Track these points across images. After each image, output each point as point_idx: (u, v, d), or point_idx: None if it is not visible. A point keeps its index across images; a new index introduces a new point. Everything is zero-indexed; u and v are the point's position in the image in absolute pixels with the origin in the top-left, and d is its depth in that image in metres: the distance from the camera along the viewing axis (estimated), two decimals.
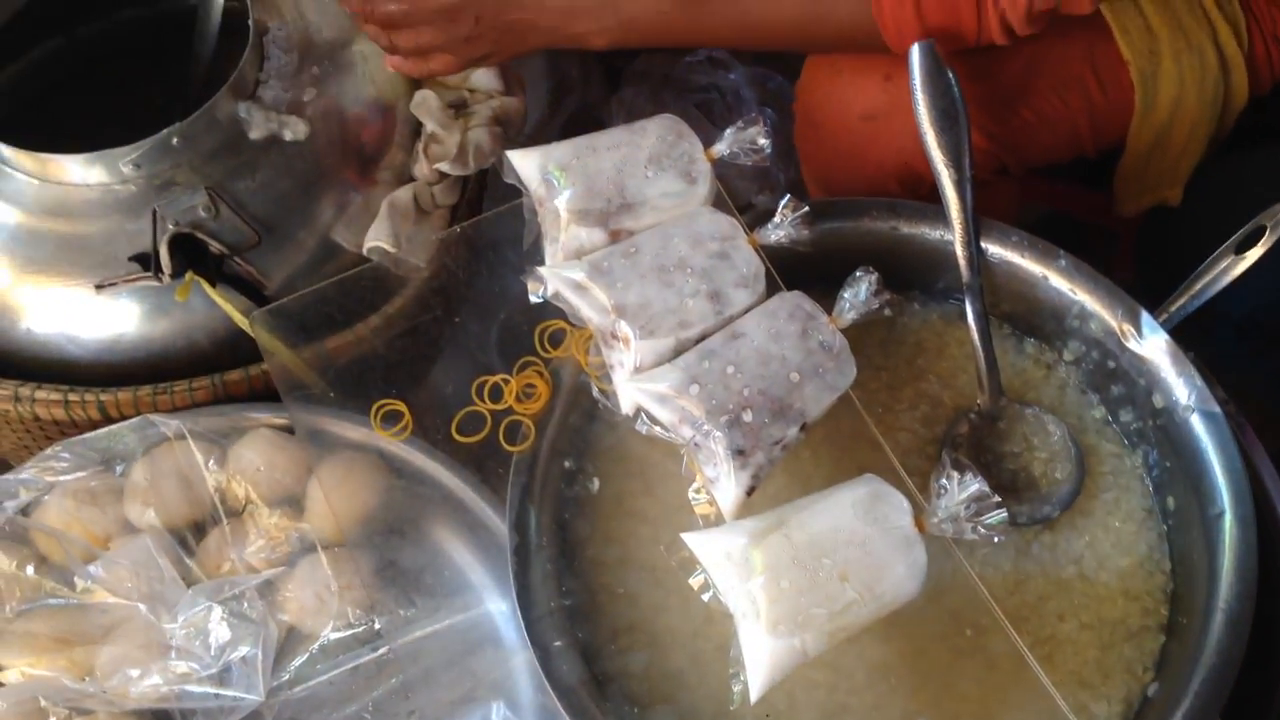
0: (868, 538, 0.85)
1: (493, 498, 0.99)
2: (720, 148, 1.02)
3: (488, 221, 1.09)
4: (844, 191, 1.20)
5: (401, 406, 1.01)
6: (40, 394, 1.07)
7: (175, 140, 1.09)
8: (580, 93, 1.79)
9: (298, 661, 0.95)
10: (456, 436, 1.00)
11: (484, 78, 1.25)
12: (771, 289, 0.98)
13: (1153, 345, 0.98)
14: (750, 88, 1.76)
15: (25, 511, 0.99)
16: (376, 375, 1.04)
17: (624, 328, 0.94)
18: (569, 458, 1.02)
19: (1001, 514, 0.84)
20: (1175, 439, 0.97)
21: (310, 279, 1.15)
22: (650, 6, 1.05)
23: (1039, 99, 1.12)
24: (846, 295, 0.95)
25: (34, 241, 1.10)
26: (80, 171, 1.09)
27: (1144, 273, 1.39)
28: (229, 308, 1.08)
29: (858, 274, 0.95)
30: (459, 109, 1.25)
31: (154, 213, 1.08)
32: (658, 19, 1.06)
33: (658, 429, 0.93)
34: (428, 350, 1.10)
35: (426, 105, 1.22)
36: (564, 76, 1.77)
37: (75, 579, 0.94)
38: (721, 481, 0.90)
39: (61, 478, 0.99)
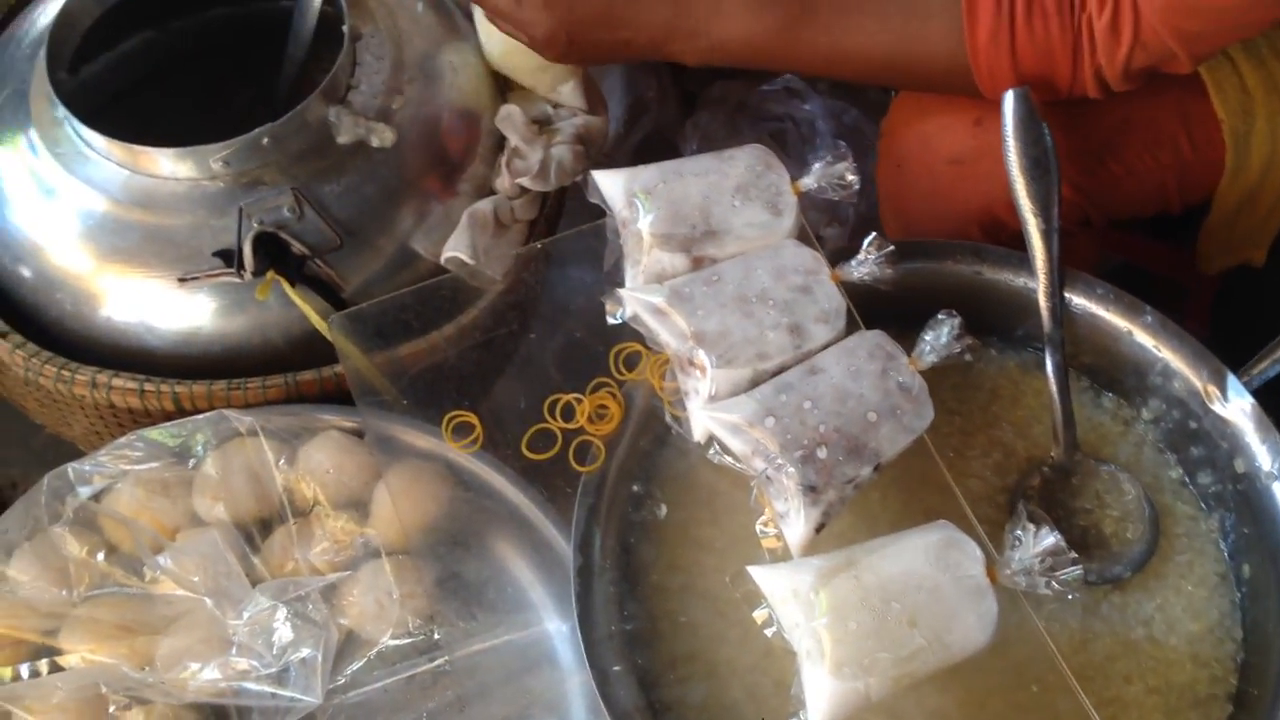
0: (938, 584, 0.84)
1: (558, 517, 0.99)
2: (807, 181, 1.02)
3: (568, 239, 1.10)
4: (923, 233, 1.19)
5: (473, 419, 1.01)
6: (117, 382, 1.08)
7: (265, 140, 1.10)
8: (655, 114, 1.79)
9: (355, 666, 0.96)
10: (526, 453, 1.00)
11: (570, 95, 1.26)
12: (851, 326, 0.97)
13: (1237, 408, 0.97)
14: (826, 120, 1.76)
15: (97, 498, 1.00)
16: (449, 386, 1.04)
17: (701, 355, 0.94)
18: (637, 481, 1.01)
19: (1077, 570, 0.83)
20: (1255, 506, 0.95)
21: (387, 285, 1.15)
22: (746, 31, 1.05)
23: (1130, 154, 1.11)
24: (927, 337, 0.95)
25: (120, 230, 1.12)
26: (170, 165, 1.11)
27: (1220, 332, 1.37)
28: (307, 308, 1.09)
29: (940, 317, 0.95)
30: (543, 124, 1.26)
31: (240, 210, 1.09)
32: (752, 44, 1.06)
33: (729, 459, 0.93)
34: (501, 364, 1.11)
35: (511, 120, 1.23)
36: (640, 97, 1.77)
37: (144, 568, 0.95)
38: (791, 517, 0.90)
39: (135, 467, 1.00)
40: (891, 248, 0.98)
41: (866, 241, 0.98)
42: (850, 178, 1.01)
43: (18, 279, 1.15)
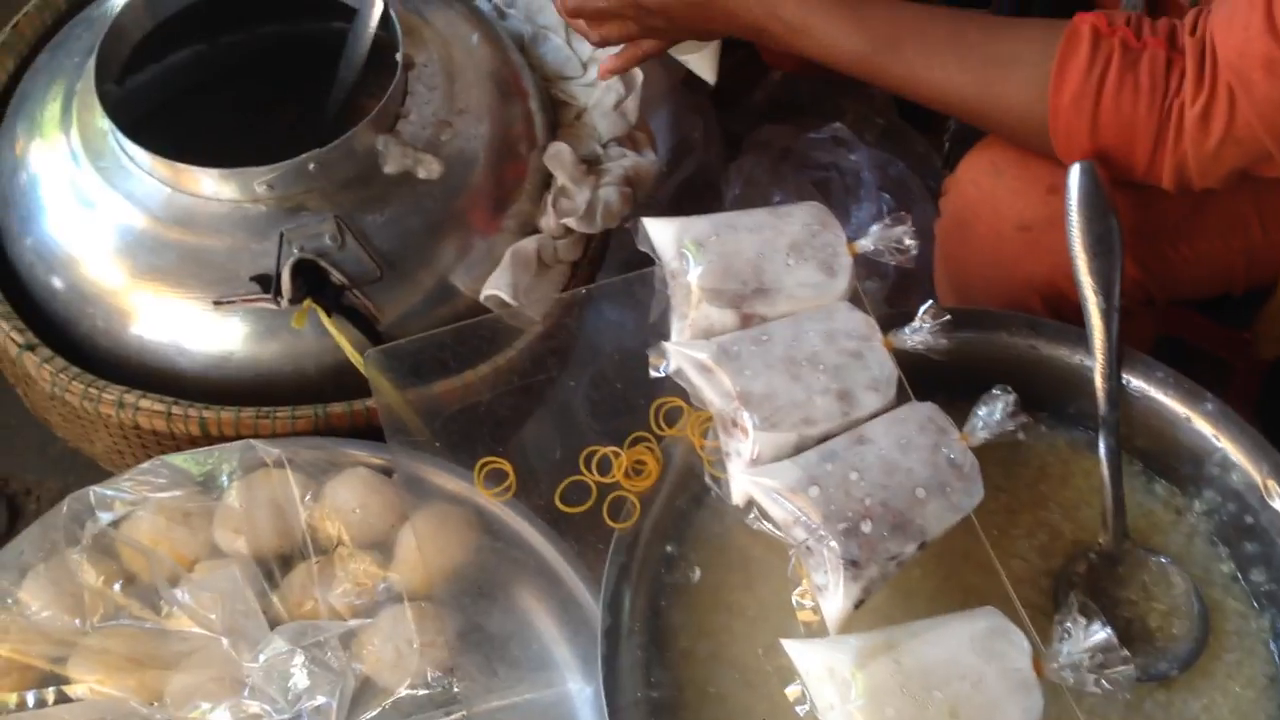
0: (983, 675, 0.81)
1: (588, 574, 0.96)
2: (864, 243, 1.00)
3: (615, 286, 1.07)
4: (981, 298, 1.16)
5: (507, 466, 0.98)
6: (144, 403, 1.05)
7: (311, 166, 1.08)
8: (699, 156, 1.77)
9: (369, 715, 0.92)
10: (560, 505, 0.97)
11: (616, 122, 1.24)
12: (901, 396, 0.95)
13: None
14: (871, 171, 1.73)
15: (116, 523, 0.97)
16: (484, 430, 1.01)
17: (745, 416, 0.91)
18: (671, 542, 0.98)
19: (1129, 670, 0.80)
20: None
21: (424, 320, 1.13)
22: (827, 53, 1.04)
23: (1201, 239, 1.08)
24: (980, 413, 0.92)
25: (157, 248, 1.10)
26: (213, 185, 1.09)
27: (1265, 417, 1.33)
28: (342, 340, 1.07)
29: (995, 392, 0.92)
30: (591, 164, 1.24)
31: (281, 235, 1.07)
32: (832, 63, 1.05)
33: (768, 526, 0.90)
34: (538, 411, 1.08)
35: (560, 158, 1.21)
36: (685, 138, 1.75)
37: (160, 602, 0.92)
38: (830, 591, 0.87)
39: (157, 494, 0.97)
40: (948, 317, 0.95)
41: (922, 309, 0.96)
42: (908, 242, 0.98)
43: (50, 291, 1.13)
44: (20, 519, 1.50)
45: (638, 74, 1.29)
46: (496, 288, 1.13)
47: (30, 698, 0.92)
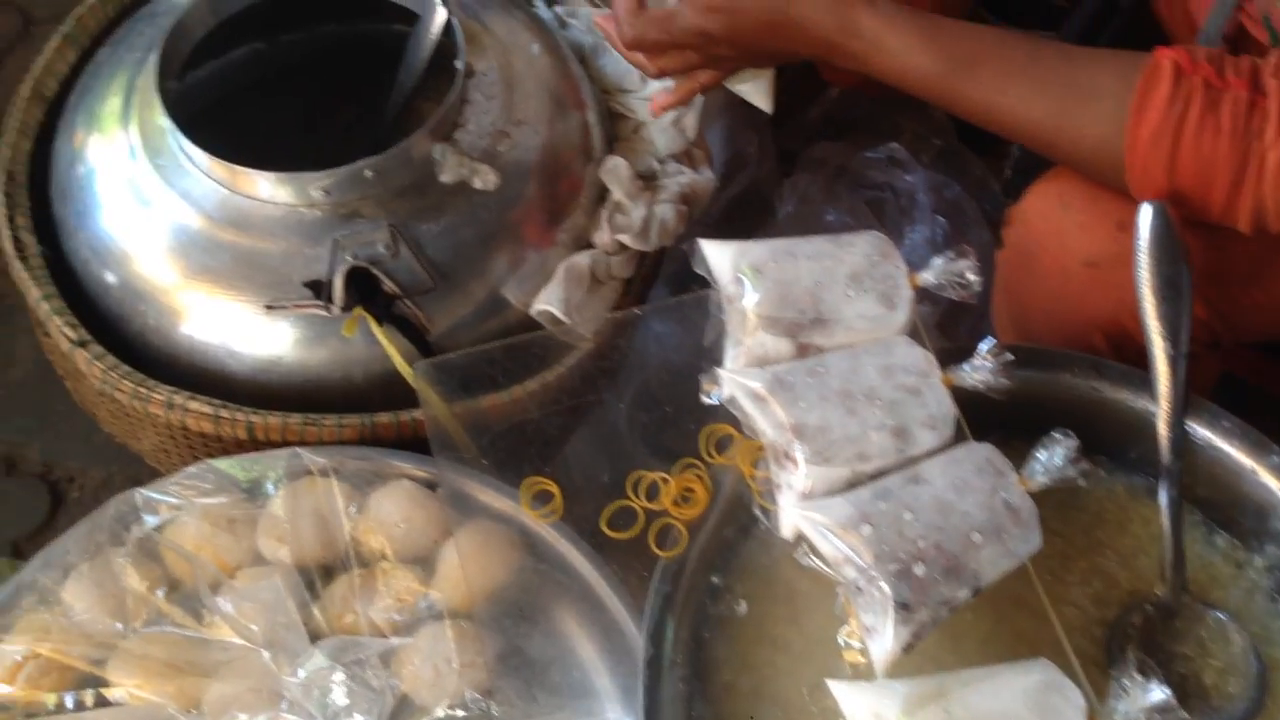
0: None
1: (631, 601, 0.95)
2: (927, 276, 0.98)
3: (669, 308, 1.06)
4: (1041, 332, 1.14)
5: (554, 488, 0.97)
6: (193, 405, 1.05)
7: (368, 173, 1.08)
8: (753, 171, 1.75)
9: None
10: (606, 530, 0.95)
11: (674, 138, 1.22)
12: (958, 435, 0.93)
13: None
14: (927, 193, 1.71)
15: (160, 526, 0.97)
16: (531, 450, 1.00)
17: (798, 449, 0.89)
18: (717, 573, 0.97)
19: None
20: None
21: (473, 331, 1.12)
22: (903, 73, 1.02)
23: (1273, 283, 1.05)
24: (1040, 457, 0.90)
25: (211, 249, 1.09)
26: (269, 188, 1.08)
27: None
28: (392, 350, 1.06)
29: (1056, 436, 0.90)
30: (647, 180, 1.22)
31: (335, 242, 1.06)
32: (907, 84, 1.03)
33: (817, 561, 0.88)
34: (587, 433, 1.07)
35: (617, 173, 1.19)
36: (740, 152, 1.73)
37: (202, 610, 0.92)
38: (879, 633, 0.85)
39: (203, 499, 0.97)
40: (1010, 356, 0.93)
41: (983, 347, 0.94)
42: (971, 277, 0.96)
43: (104, 286, 1.13)
44: (62, 506, 1.51)
45: None
46: (548, 303, 1.12)
47: (69, 699, 0.91)
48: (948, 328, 1.58)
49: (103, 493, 1.51)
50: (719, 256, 0.99)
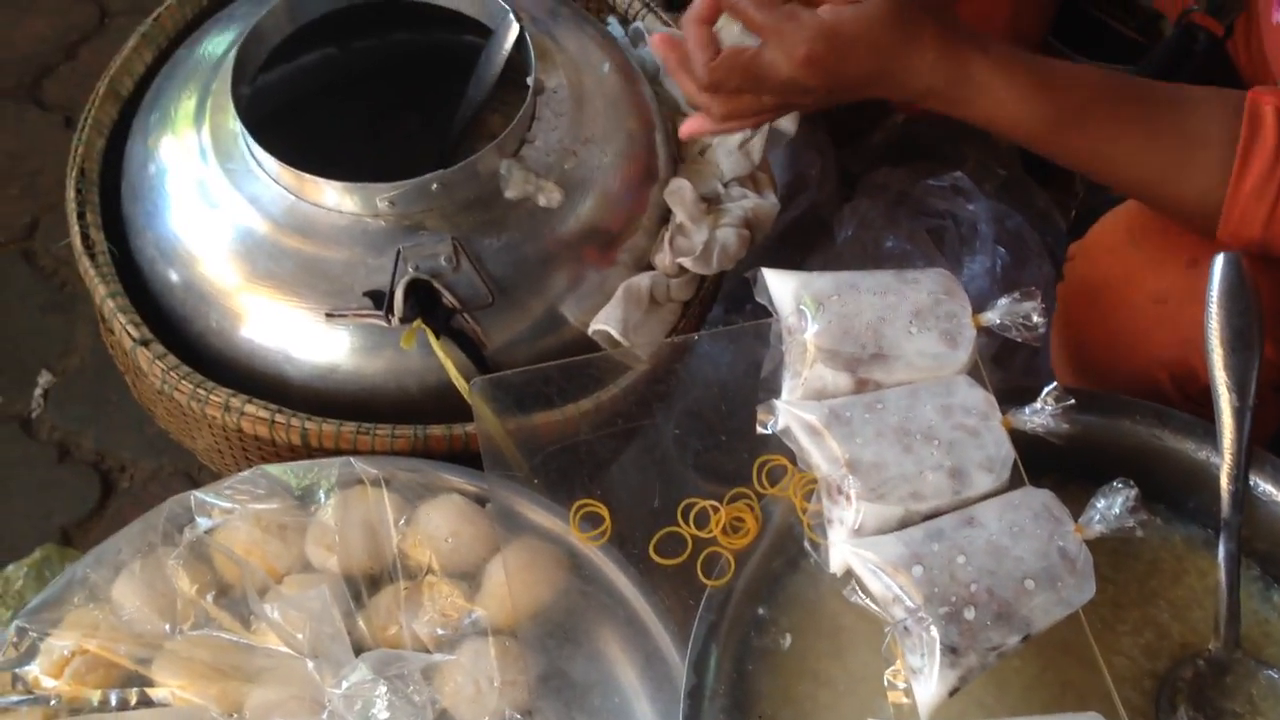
0: None
1: (676, 629, 0.94)
2: (990, 316, 0.97)
3: (728, 335, 1.05)
4: (1103, 368, 1.12)
5: (603, 510, 0.97)
6: (249, 409, 1.06)
7: (434, 186, 1.08)
8: (813, 192, 1.74)
9: None
10: (654, 555, 0.95)
11: (739, 162, 1.22)
12: (1015, 479, 0.92)
13: None
14: (989, 223, 1.69)
15: (209, 530, 0.98)
16: (583, 471, 1.00)
17: (851, 484, 0.89)
18: (764, 604, 0.96)
19: None
20: None
21: (529, 348, 1.13)
22: (1012, 120, 0.97)
23: None
24: (1099, 505, 0.88)
25: (275, 254, 1.10)
26: (336, 197, 1.09)
27: None
28: (448, 363, 1.06)
29: (1117, 485, 0.88)
30: (711, 203, 1.22)
31: (398, 253, 1.06)
32: (1015, 132, 0.98)
33: (865, 599, 0.87)
34: (639, 456, 1.06)
35: (680, 195, 1.19)
36: (802, 174, 1.72)
37: (250, 616, 0.92)
38: (925, 675, 0.84)
39: (256, 505, 0.97)
40: (1071, 401, 0.92)
41: (1046, 390, 0.92)
42: (1037, 319, 0.95)
43: (168, 286, 1.14)
44: (113, 495, 1.53)
45: None
46: (606, 323, 1.12)
47: (113, 696, 0.92)
48: (1003, 359, 1.57)
49: (152, 484, 1.52)
50: (782, 287, 0.99)
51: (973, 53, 0.95)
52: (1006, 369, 1.54)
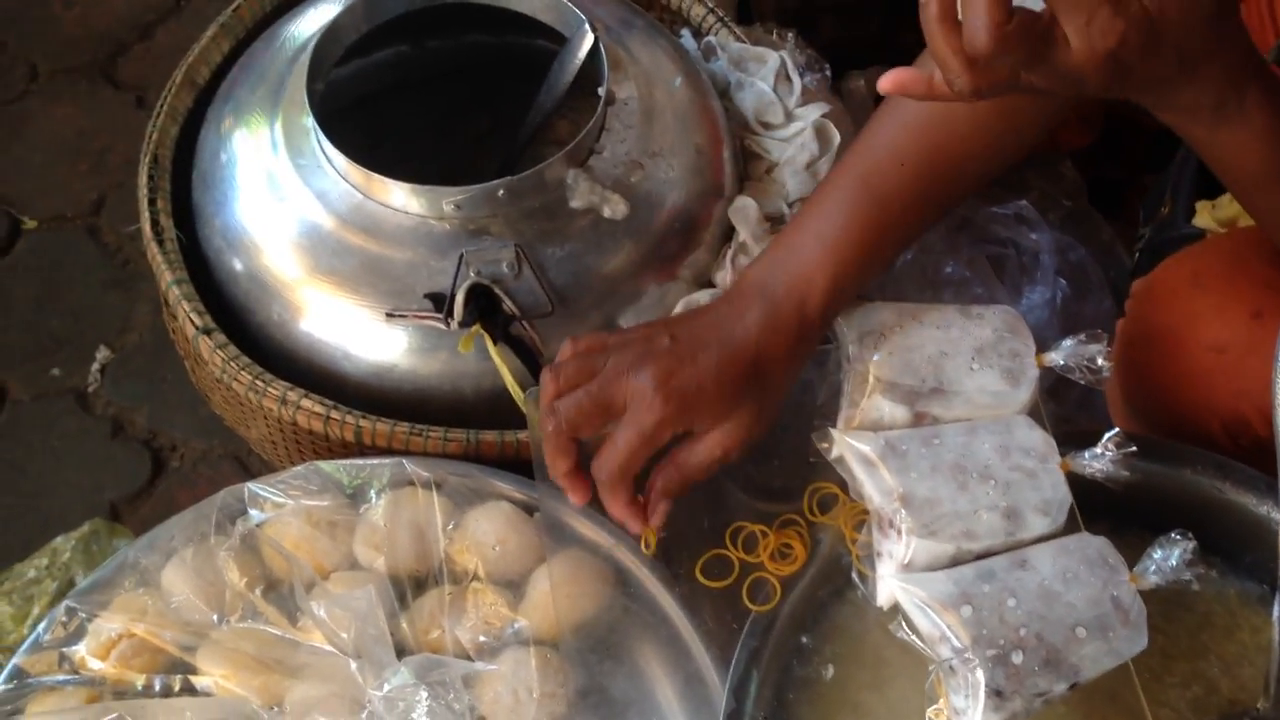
0: None
1: (718, 652, 0.94)
2: (1054, 357, 0.95)
3: None
4: (1157, 411, 1.10)
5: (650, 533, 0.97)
6: (306, 403, 1.07)
7: (501, 192, 1.08)
8: None
9: None
10: (700, 577, 0.95)
11: (806, 182, 1.21)
12: (1070, 524, 0.90)
13: None
14: (1051, 254, 1.67)
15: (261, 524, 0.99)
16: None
17: (903, 519, 0.88)
18: (808, 633, 0.96)
19: None
20: None
21: None
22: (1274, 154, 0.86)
23: None
24: (1156, 556, 0.87)
25: (339, 251, 1.11)
26: (402, 198, 1.09)
27: None
28: (504, 370, 1.07)
29: (1175, 536, 0.87)
30: (775, 222, 1.21)
31: (461, 257, 1.07)
32: (1264, 166, 0.87)
33: (911, 635, 0.86)
34: None
35: (745, 213, 1.19)
36: None
37: (297, 613, 0.93)
38: (968, 717, 0.83)
39: (308, 501, 0.98)
40: (1133, 448, 0.90)
41: (1106, 436, 0.91)
42: (1102, 363, 0.94)
43: (232, 275, 1.15)
44: (163, 474, 1.54)
45: (835, 135, 1.26)
46: None
47: (158, 682, 0.93)
48: (1059, 391, 1.55)
49: (201, 465, 1.54)
50: (843, 315, 0.98)
51: (1253, 77, 0.82)
52: (1061, 402, 1.53)
